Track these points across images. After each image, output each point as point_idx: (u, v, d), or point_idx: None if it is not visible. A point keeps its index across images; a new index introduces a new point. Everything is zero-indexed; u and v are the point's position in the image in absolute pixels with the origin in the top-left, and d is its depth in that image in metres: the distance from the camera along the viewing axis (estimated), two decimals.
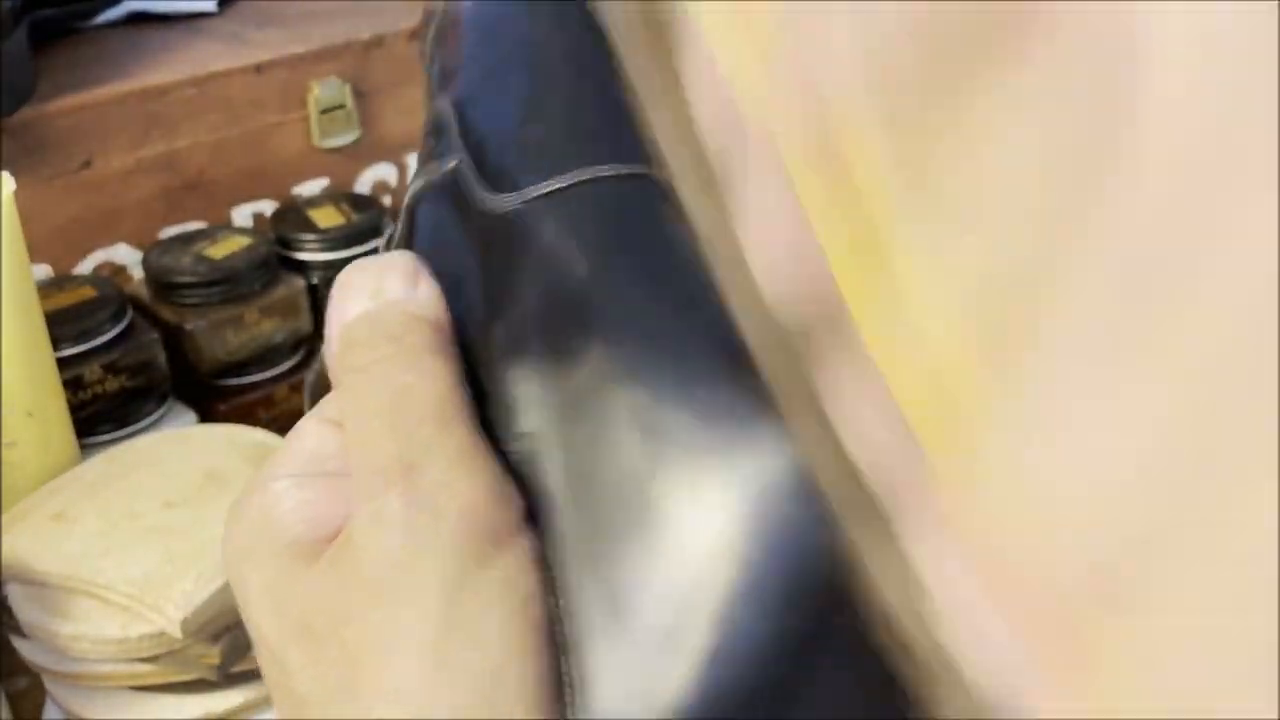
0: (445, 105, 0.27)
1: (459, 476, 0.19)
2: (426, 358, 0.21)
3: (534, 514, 0.20)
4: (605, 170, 0.22)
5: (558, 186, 0.22)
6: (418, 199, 0.26)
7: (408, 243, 0.26)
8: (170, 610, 0.44)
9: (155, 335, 0.64)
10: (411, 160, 0.82)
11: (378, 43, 0.78)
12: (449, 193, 0.25)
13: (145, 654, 0.46)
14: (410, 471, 0.19)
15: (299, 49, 0.75)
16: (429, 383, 0.20)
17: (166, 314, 0.66)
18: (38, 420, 0.53)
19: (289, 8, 0.81)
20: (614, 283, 0.21)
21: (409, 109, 0.81)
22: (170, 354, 0.65)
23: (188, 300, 0.66)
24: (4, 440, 0.52)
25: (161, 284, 0.67)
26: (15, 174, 0.52)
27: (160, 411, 0.64)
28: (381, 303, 0.22)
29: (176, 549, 0.47)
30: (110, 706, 0.48)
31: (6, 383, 0.51)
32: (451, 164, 0.25)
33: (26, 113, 0.65)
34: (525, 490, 0.20)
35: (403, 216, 0.27)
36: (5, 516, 0.50)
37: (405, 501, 0.19)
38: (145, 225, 0.71)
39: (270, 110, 0.75)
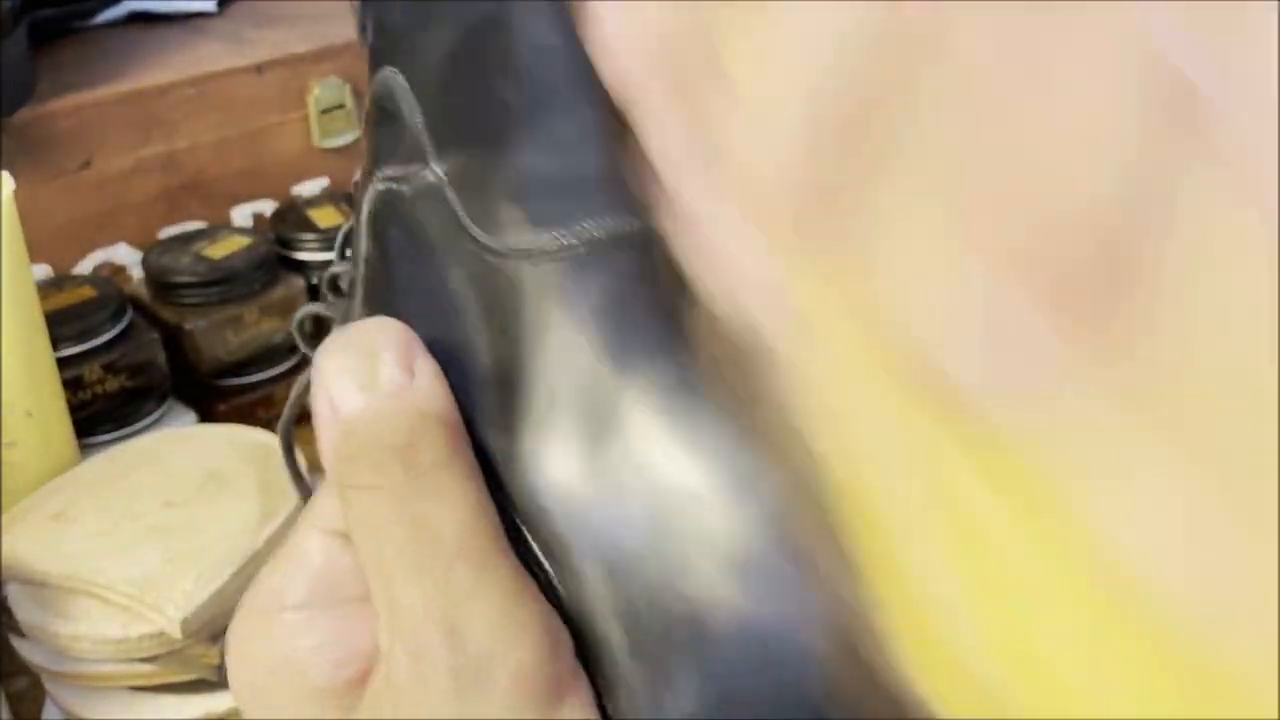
0: (398, 82, 0.25)
1: (507, 636, 0.17)
2: (443, 476, 0.19)
3: (579, 639, 0.18)
4: (631, 223, 0.20)
5: (593, 236, 0.20)
6: (382, 207, 0.24)
7: (378, 270, 0.23)
8: (170, 610, 0.44)
9: (155, 335, 0.64)
10: None
11: None
12: (422, 211, 0.23)
13: (145, 654, 0.46)
14: (453, 634, 0.17)
15: (299, 49, 0.75)
16: (451, 510, 0.18)
17: (166, 314, 0.66)
18: (37, 420, 0.53)
19: (289, 8, 0.81)
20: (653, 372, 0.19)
21: None
22: (170, 354, 0.65)
23: (187, 300, 0.66)
24: (4, 440, 0.52)
25: (161, 284, 0.67)
26: (15, 174, 0.52)
27: (160, 411, 0.64)
28: (378, 400, 0.19)
29: (176, 549, 0.47)
30: (110, 707, 0.48)
31: (6, 383, 0.51)
32: (428, 176, 0.23)
33: (26, 113, 0.65)
34: (564, 609, 0.18)
35: (363, 226, 0.24)
36: (5, 516, 0.50)
37: (452, 667, 0.17)
38: (145, 225, 0.71)
39: (270, 110, 0.75)
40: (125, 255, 0.71)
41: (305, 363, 0.27)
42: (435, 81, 0.24)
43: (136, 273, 0.71)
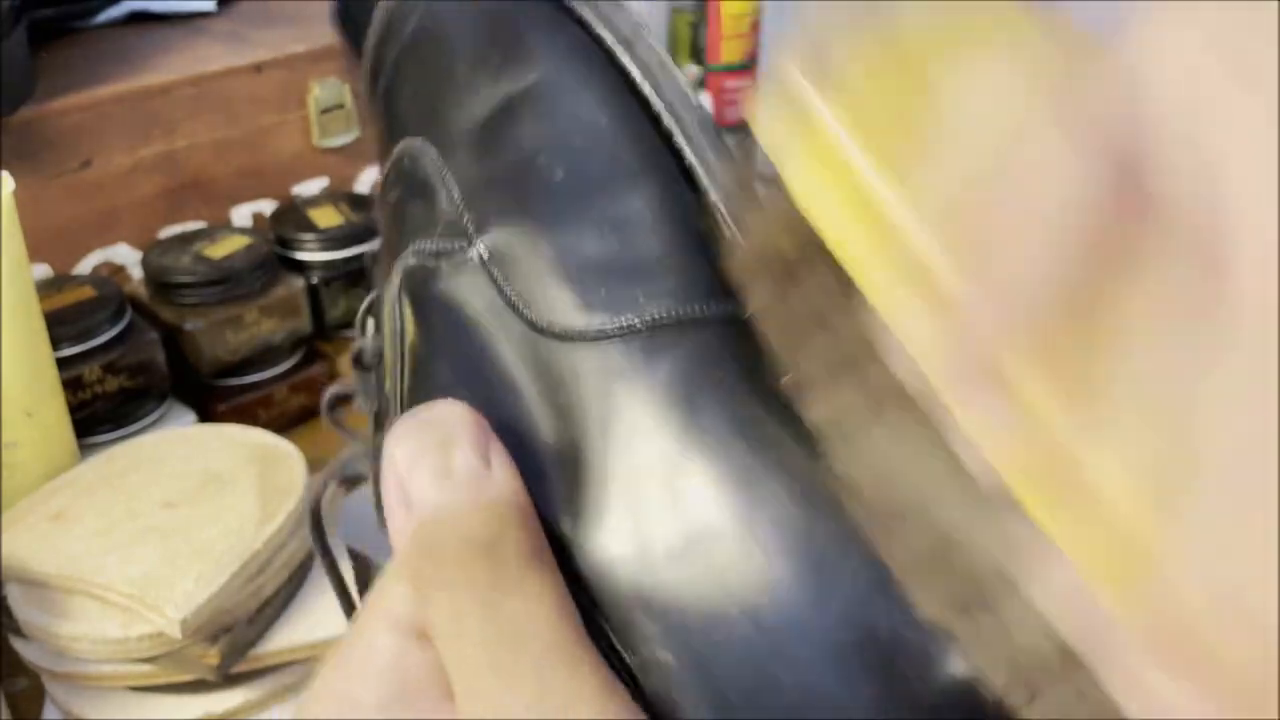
0: (428, 154, 0.24)
1: None
2: (528, 572, 0.18)
3: None
4: (698, 308, 0.20)
5: (654, 319, 0.20)
6: (416, 284, 0.23)
7: (424, 350, 0.23)
8: (170, 610, 0.44)
9: (155, 335, 0.64)
10: None
11: None
12: (464, 289, 0.22)
13: (145, 654, 0.46)
14: None
15: (299, 49, 0.75)
16: (539, 607, 0.18)
17: (166, 314, 0.66)
18: (37, 420, 0.53)
19: (289, 8, 0.81)
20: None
21: None
22: (170, 354, 0.65)
23: (187, 300, 0.66)
24: (4, 440, 0.52)
25: (161, 284, 0.67)
26: (15, 174, 0.52)
27: (160, 411, 0.64)
28: (458, 493, 0.18)
29: (176, 549, 0.47)
30: (110, 707, 0.48)
31: (6, 383, 0.51)
32: (469, 253, 0.22)
33: (26, 112, 0.64)
34: (645, 700, 0.18)
35: (394, 302, 0.24)
36: (5, 516, 0.50)
37: None
38: (145, 225, 0.71)
39: (270, 110, 0.74)
40: (125, 255, 0.71)
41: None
42: (470, 155, 0.23)
43: (136, 273, 0.71)
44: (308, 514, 0.26)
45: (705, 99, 0.92)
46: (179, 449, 0.54)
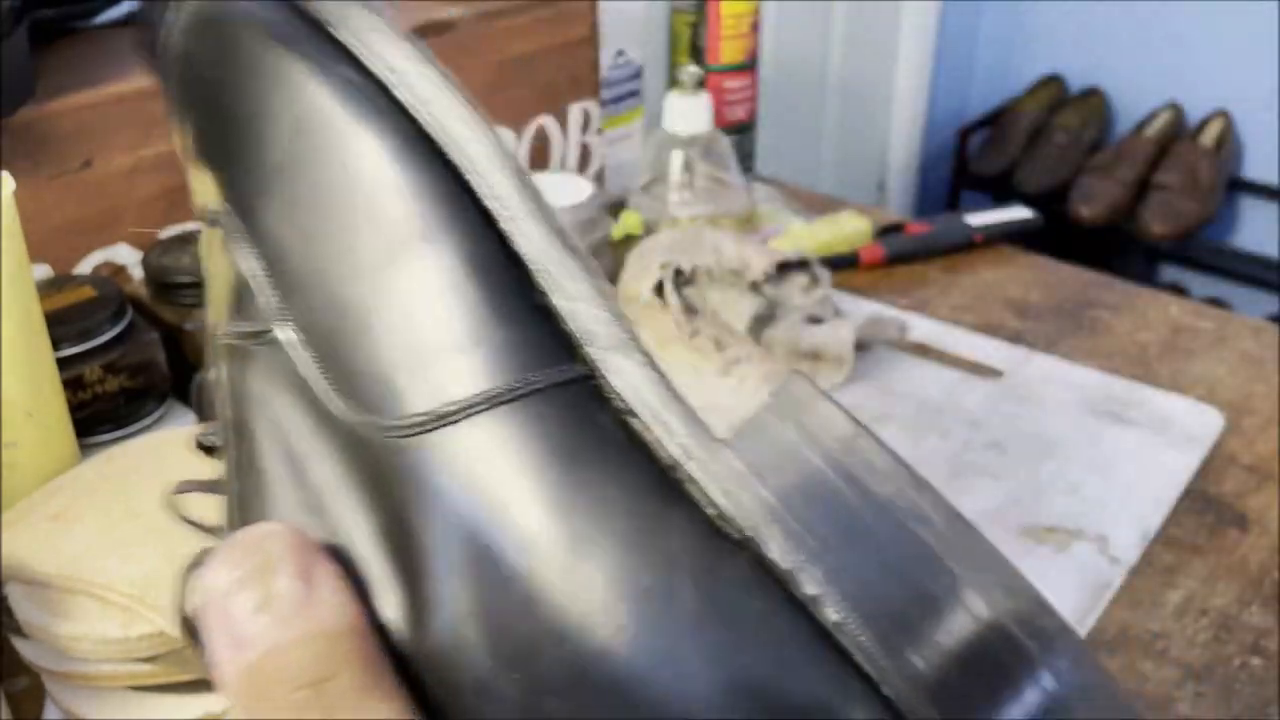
0: (232, 222, 0.22)
1: None
2: (366, 697, 0.17)
3: None
4: (534, 378, 0.19)
5: (460, 408, 0.19)
6: (234, 370, 0.22)
7: (244, 447, 0.21)
8: (170, 610, 0.44)
9: (155, 335, 0.63)
10: None
11: None
12: (277, 376, 0.21)
13: (145, 654, 0.46)
14: None
15: None
16: None
17: (166, 314, 0.66)
18: (37, 420, 0.53)
19: None
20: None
21: None
22: (170, 354, 0.65)
23: (188, 300, 0.66)
24: (4, 440, 0.51)
25: (161, 284, 0.67)
26: (15, 174, 0.52)
27: (160, 411, 0.64)
28: (281, 629, 0.17)
29: (177, 549, 0.47)
30: (110, 707, 0.47)
31: (6, 383, 0.51)
32: (277, 337, 0.21)
33: (26, 113, 0.64)
34: None
35: (218, 380, 0.22)
36: (5, 516, 0.50)
37: None
38: (145, 225, 0.71)
39: None
40: (125, 255, 0.71)
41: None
42: (265, 221, 0.21)
43: (137, 273, 0.71)
44: (181, 624, 0.24)
45: (705, 98, 0.92)
46: (179, 449, 0.54)
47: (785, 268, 0.80)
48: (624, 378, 0.19)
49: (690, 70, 0.93)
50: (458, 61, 0.82)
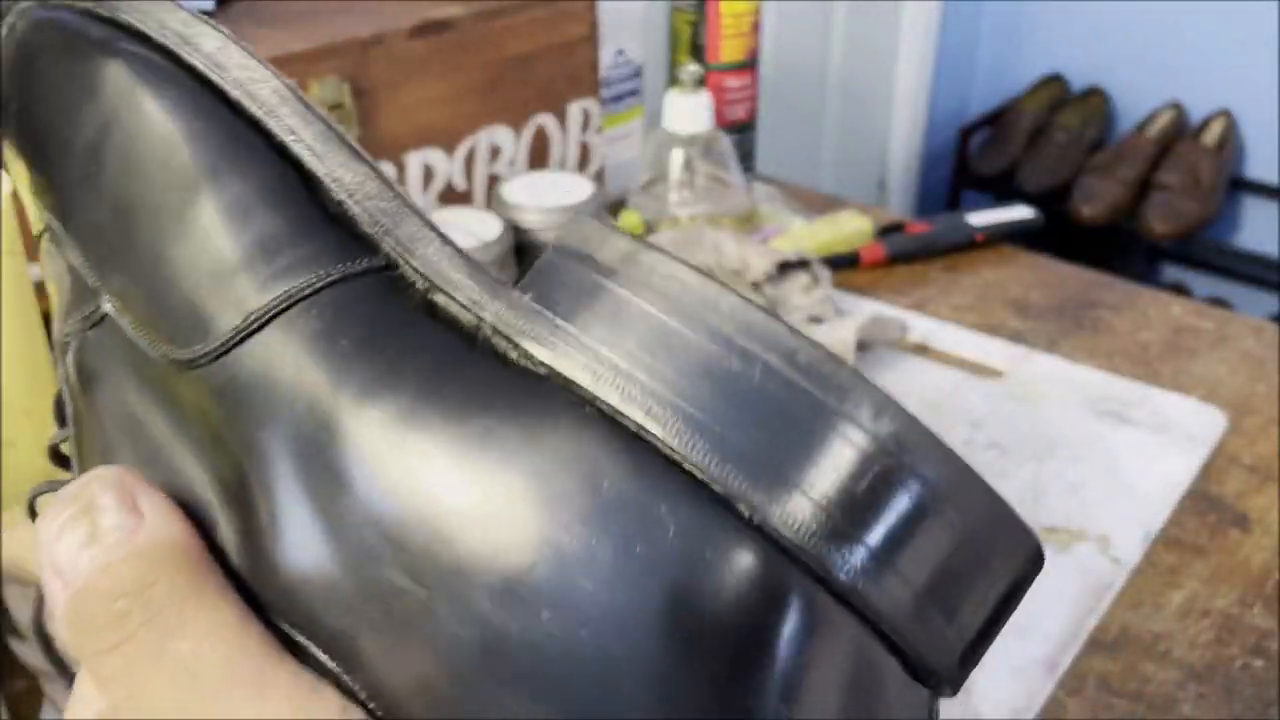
0: (54, 223, 0.23)
1: None
2: (190, 606, 0.17)
3: None
4: (329, 272, 0.20)
5: (262, 313, 0.19)
6: (78, 364, 0.22)
7: (87, 427, 0.22)
8: None
9: None
10: (411, 158, 0.82)
11: (377, 42, 0.78)
12: (108, 351, 0.22)
13: None
14: None
15: (298, 48, 0.75)
16: (209, 639, 0.17)
17: None
18: (36, 420, 0.53)
19: (288, 7, 0.81)
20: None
21: (408, 108, 0.81)
22: None
23: None
24: (3, 440, 0.51)
25: None
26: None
27: None
28: (106, 548, 0.17)
29: None
30: None
31: (5, 382, 0.51)
32: (101, 311, 0.22)
33: None
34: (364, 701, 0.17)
35: (67, 389, 0.23)
36: (4, 517, 0.49)
37: None
38: None
39: None
40: None
41: None
42: (80, 208, 0.22)
43: None
44: (33, 628, 0.25)
45: (706, 97, 0.91)
46: None
47: (786, 267, 0.80)
48: (422, 258, 0.20)
49: (690, 69, 0.93)
50: (457, 60, 0.82)
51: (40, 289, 0.59)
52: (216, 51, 0.22)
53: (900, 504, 0.17)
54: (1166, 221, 1.99)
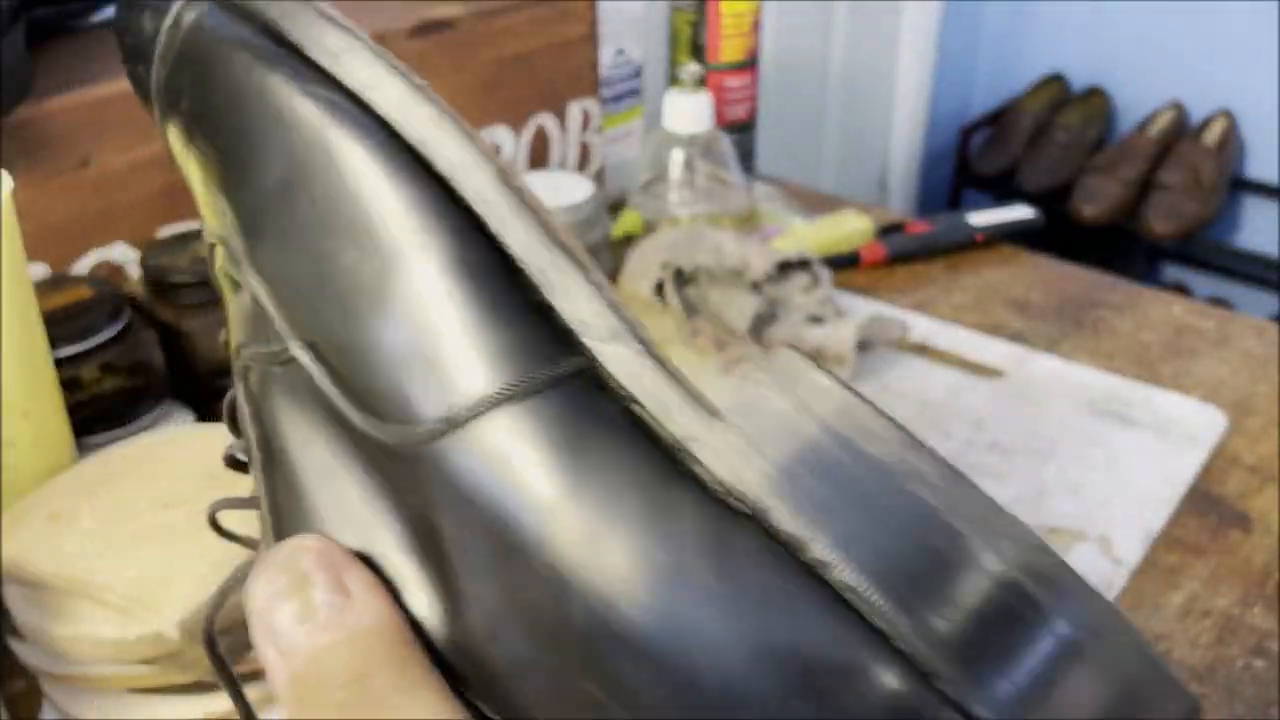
0: (236, 246, 0.23)
1: None
2: (404, 696, 0.18)
3: None
4: (534, 375, 0.20)
5: (477, 409, 0.20)
6: (256, 387, 0.23)
7: (272, 462, 0.22)
8: (168, 612, 0.44)
9: (153, 335, 0.63)
10: None
11: (377, 41, 0.78)
12: (297, 395, 0.22)
13: (143, 656, 0.45)
14: None
15: None
16: None
17: (164, 314, 0.66)
18: (34, 420, 0.53)
19: None
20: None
21: None
22: (168, 354, 0.64)
23: (185, 300, 0.66)
24: (1, 440, 0.51)
25: (159, 284, 0.67)
26: (13, 173, 0.52)
27: (158, 411, 0.64)
28: (321, 635, 0.19)
29: (175, 550, 0.47)
30: (108, 708, 0.47)
31: (4, 383, 0.50)
32: (292, 357, 0.22)
33: (24, 111, 0.64)
34: None
35: (244, 402, 0.23)
36: (2, 518, 0.49)
37: None
38: (143, 224, 0.71)
39: None
40: (123, 254, 0.71)
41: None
42: (268, 247, 0.23)
43: (134, 272, 0.70)
44: (203, 633, 0.25)
45: (706, 97, 0.91)
46: (178, 449, 0.54)
47: (786, 267, 0.80)
48: (621, 365, 0.20)
49: (691, 69, 0.93)
50: (457, 60, 0.82)
51: (40, 289, 0.59)
52: (411, 109, 0.22)
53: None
54: (1167, 221, 1.99)
